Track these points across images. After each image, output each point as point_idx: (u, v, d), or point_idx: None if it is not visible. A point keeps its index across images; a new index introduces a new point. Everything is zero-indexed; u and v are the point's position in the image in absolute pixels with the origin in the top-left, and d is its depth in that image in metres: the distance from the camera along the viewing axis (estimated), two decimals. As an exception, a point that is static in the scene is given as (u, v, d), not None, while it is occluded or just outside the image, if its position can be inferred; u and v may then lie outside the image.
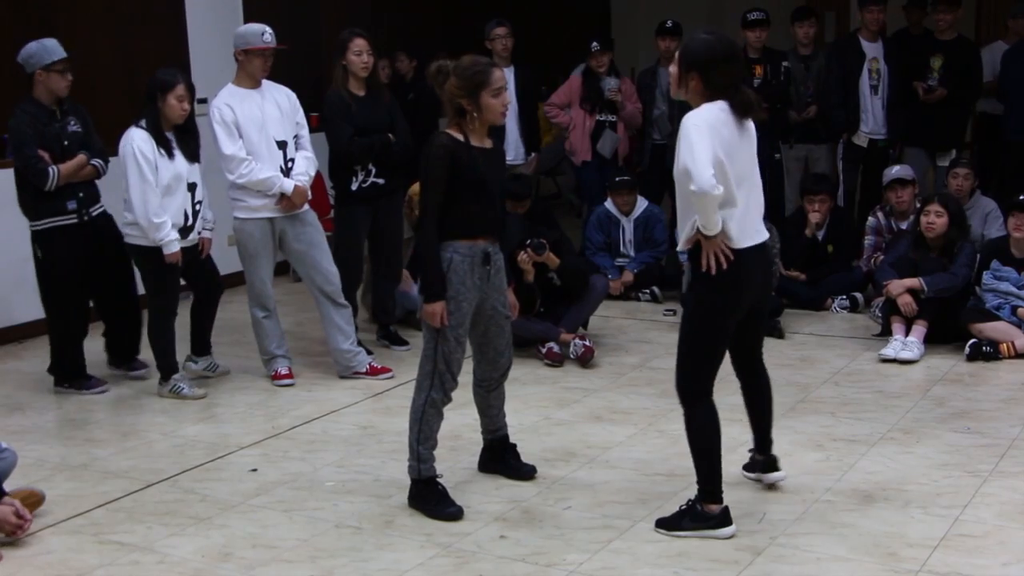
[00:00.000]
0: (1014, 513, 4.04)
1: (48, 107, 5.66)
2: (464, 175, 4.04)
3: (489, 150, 4.18)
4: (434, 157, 4.04)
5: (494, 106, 4.06)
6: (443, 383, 4.15)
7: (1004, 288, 6.11)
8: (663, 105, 8.27)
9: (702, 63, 3.71)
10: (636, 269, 7.70)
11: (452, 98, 4.07)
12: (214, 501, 4.39)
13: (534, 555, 3.82)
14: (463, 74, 4.04)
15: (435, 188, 4.04)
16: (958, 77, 7.76)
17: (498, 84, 4.06)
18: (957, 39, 7.90)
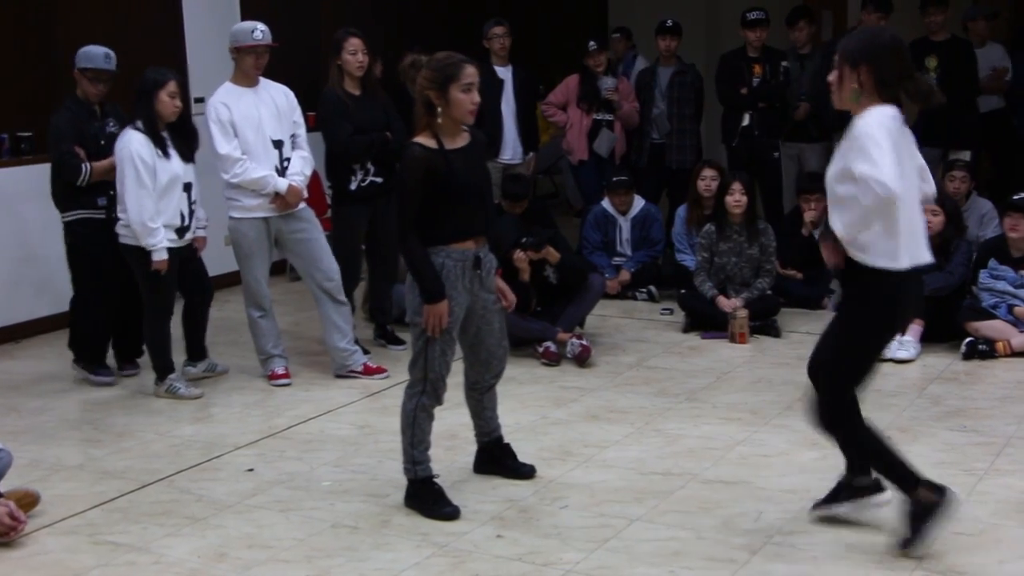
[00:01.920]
0: (1010, 511, 4.04)
1: (90, 106, 5.78)
2: (442, 183, 3.99)
3: (465, 148, 4.10)
4: (408, 171, 4.01)
5: (463, 101, 3.99)
6: (435, 388, 4.14)
7: (1001, 287, 6.11)
8: (662, 104, 8.27)
9: (872, 53, 3.48)
10: (633, 268, 7.70)
11: (422, 92, 4.02)
12: (210, 501, 4.38)
13: (530, 554, 3.82)
14: (435, 66, 4.00)
15: (411, 200, 3.99)
16: (955, 76, 7.76)
17: (469, 79, 3.99)
18: (951, 39, 7.90)
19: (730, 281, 6.82)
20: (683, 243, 7.58)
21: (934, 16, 7.84)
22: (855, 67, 3.49)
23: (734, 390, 5.63)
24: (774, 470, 4.49)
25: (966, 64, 7.88)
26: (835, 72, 3.55)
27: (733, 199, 6.71)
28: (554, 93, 8.43)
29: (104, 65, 5.71)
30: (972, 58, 7.96)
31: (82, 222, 5.79)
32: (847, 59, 3.51)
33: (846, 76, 3.52)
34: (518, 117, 7.93)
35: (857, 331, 3.63)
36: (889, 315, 3.63)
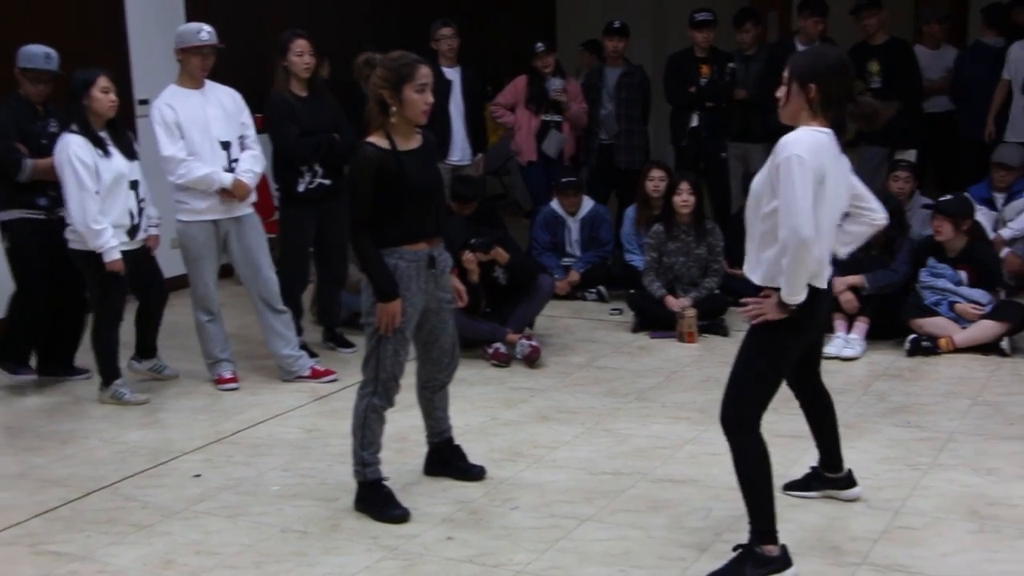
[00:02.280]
0: (952, 505, 4.10)
1: (32, 105, 5.70)
2: (394, 184, 3.98)
3: (418, 149, 4.10)
4: (359, 171, 3.99)
5: (416, 101, 3.98)
6: (387, 389, 4.12)
7: (941, 285, 6.20)
8: (609, 105, 8.30)
9: (820, 72, 3.48)
10: (582, 269, 7.72)
11: (375, 90, 4.01)
12: (156, 508, 4.33)
13: (481, 556, 3.82)
14: (388, 65, 3.98)
15: (362, 201, 3.98)
16: (898, 78, 7.86)
17: (423, 79, 3.98)
18: (890, 41, 7.98)
19: (678, 281, 6.85)
20: (632, 243, 7.61)
21: (868, 19, 7.91)
22: (803, 85, 3.50)
23: (683, 389, 5.66)
24: (723, 468, 4.47)
25: (907, 65, 7.98)
26: (783, 88, 3.55)
27: (681, 199, 6.75)
28: (502, 94, 8.44)
29: (44, 65, 5.63)
30: (912, 58, 8.07)
31: (24, 222, 5.70)
32: (795, 76, 3.52)
33: (794, 93, 3.53)
34: (466, 118, 7.92)
35: (766, 346, 3.58)
36: (798, 333, 3.58)
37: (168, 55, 5.82)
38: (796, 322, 3.49)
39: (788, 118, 3.56)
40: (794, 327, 3.51)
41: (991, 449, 4.66)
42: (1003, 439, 4.78)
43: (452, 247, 6.06)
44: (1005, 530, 3.88)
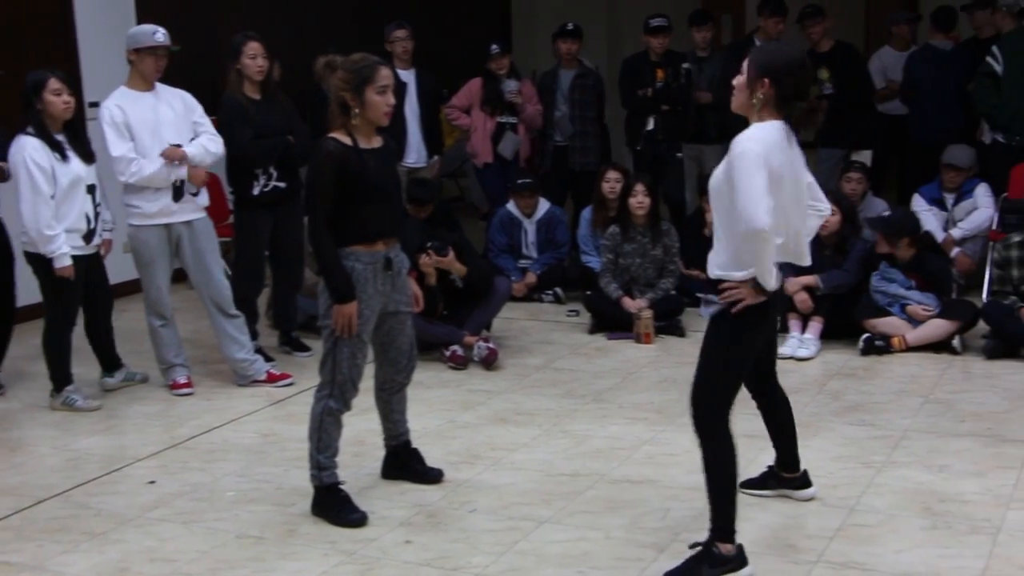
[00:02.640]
0: (905, 502, 4.15)
1: None
2: (355, 181, 3.98)
3: (379, 149, 4.11)
4: (321, 165, 3.99)
5: (378, 103, 3.99)
6: (343, 392, 4.10)
7: (893, 290, 6.27)
8: (564, 107, 8.31)
9: (778, 69, 3.50)
10: (539, 271, 7.73)
11: (337, 92, 4.00)
12: (109, 515, 4.28)
13: (439, 559, 3.81)
14: (350, 68, 3.98)
15: (324, 196, 3.98)
16: (848, 82, 7.95)
17: (384, 82, 3.98)
18: (835, 47, 8.05)
19: (635, 282, 6.88)
20: (588, 245, 7.63)
21: (813, 28, 7.99)
22: (760, 78, 3.52)
23: (640, 390, 5.68)
24: (680, 468, 4.53)
25: (856, 68, 8.09)
26: (740, 77, 3.58)
27: (636, 201, 6.78)
28: (457, 96, 8.42)
29: None
30: (860, 61, 8.19)
31: None
32: (753, 68, 3.54)
33: (747, 84, 3.55)
34: (422, 121, 7.92)
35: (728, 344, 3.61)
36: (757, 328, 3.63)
37: (118, 58, 5.75)
38: (756, 312, 3.53)
39: (738, 107, 3.61)
40: (756, 316, 3.55)
41: (943, 446, 4.72)
42: (954, 436, 4.84)
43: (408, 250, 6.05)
44: (957, 526, 3.93)
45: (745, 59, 3.59)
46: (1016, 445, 4.70)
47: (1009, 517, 3.99)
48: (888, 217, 6.31)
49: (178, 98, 5.72)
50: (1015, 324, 5.94)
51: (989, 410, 5.18)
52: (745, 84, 3.56)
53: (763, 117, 3.54)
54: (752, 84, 3.53)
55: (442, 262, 6.17)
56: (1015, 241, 6.07)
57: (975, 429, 4.92)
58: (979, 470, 4.44)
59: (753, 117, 3.56)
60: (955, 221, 7.34)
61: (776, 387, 4.05)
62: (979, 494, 4.20)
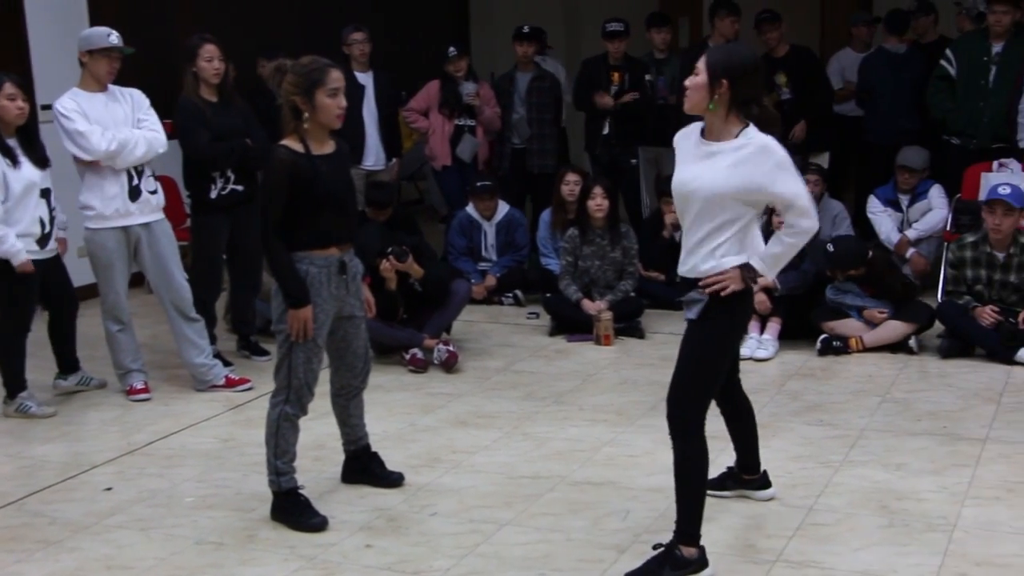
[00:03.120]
0: (863, 500, 4.19)
1: None
2: (307, 188, 3.95)
3: (332, 155, 4.08)
4: (272, 172, 3.96)
5: (329, 106, 3.96)
6: (299, 397, 4.08)
7: (849, 301, 6.34)
8: (521, 109, 8.33)
9: (735, 70, 3.50)
10: (499, 273, 7.73)
11: (287, 96, 3.97)
12: (65, 523, 4.22)
13: (400, 563, 3.79)
14: (299, 71, 3.95)
15: (275, 204, 3.95)
16: (806, 85, 8.02)
17: (335, 84, 3.96)
18: (791, 51, 8.12)
19: (594, 284, 6.90)
20: (548, 247, 7.64)
21: (770, 33, 8.06)
22: (717, 79, 3.52)
23: (600, 392, 5.70)
24: (641, 470, 4.55)
25: (813, 71, 8.16)
26: (694, 78, 3.57)
27: (595, 203, 6.80)
28: (415, 99, 8.41)
29: None
30: (818, 64, 8.26)
31: None
32: (710, 69, 3.53)
33: (702, 85, 3.54)
34: (380, 123, 7.91)
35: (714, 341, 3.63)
36: (745, 315, 3.74)
37: (70, 58, 5.68)
38: (737, 313, 3.59)
39: (691, 107, 3.60)
40: (737, 314, 3.60)
41: (900, 445, 4.77)
42: (911, 435, 4.89)
43: (368, 254, 6.03)
44: (913, 524, 3.97)
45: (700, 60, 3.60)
46: (971, 443, 4.76)
47: (964, 514, 4.04)
48: (833, 253, 6.25)
49: (128, 96, 5.66)
50: (969, 324, 6.01)
51: (944, 409, 5.24)
52: (702, 85, 3.54)
53: (722, 119, 3.54)
54: (711, 85, 3.52)
55: (401, 267, 6.16)
56: (969, 242, 6.14)
57: (931, 428, 4.98)
58: (935, 468, 4.49)
59: (709, 119, 3.57)
60: (910, 222, 7.43)
61: (739, 390, 4.08)
62: (935, 492, 4.25)
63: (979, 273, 6.09)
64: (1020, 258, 6.00)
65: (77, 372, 5.90)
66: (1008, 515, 4.03)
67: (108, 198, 5.51)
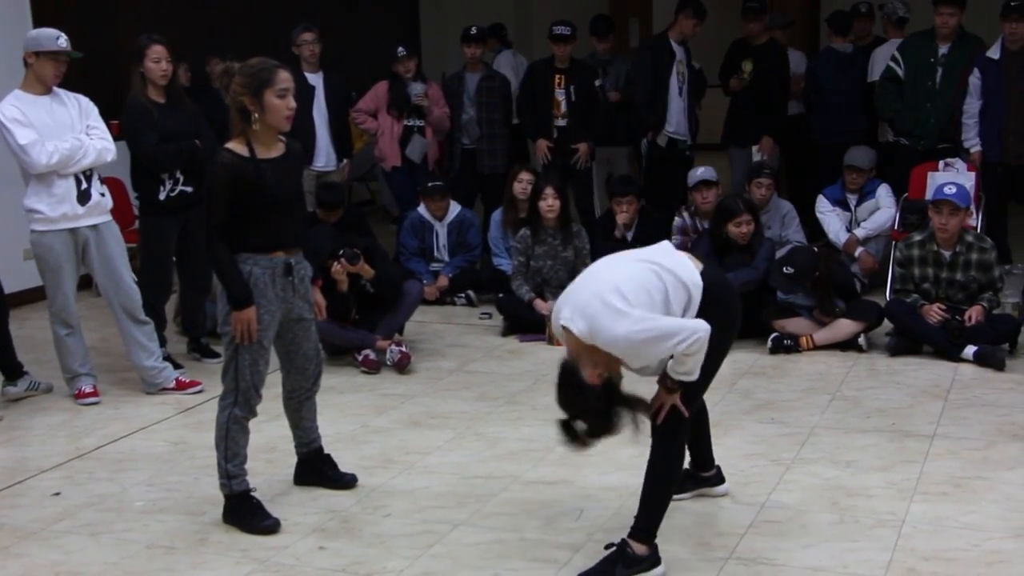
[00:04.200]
0: (814, 498, 4.23)
1: None
2: (251, 193, 3.91)
3: (278, 159, 4.03)
4: (215, 177, 3.92)
5: (278, 107, 3.92)
6: (247, 399, 4.05)
7: (801, 301, 6.40)
8: (471, 110, 8.33)
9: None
10: (451, 273, 7.71)
11: (235, 97, 3.93)
12: (11, 529, 4.16)
13: (354, 565, 3.78)
14: (248, 72, 3.91)
15: (217, 207, 3.91)
16: (767, 78, 8.13)
17: (284, 84, 3.92)
18: (767, 43, 8.31)
19: (547, 284, 6.91)
20: (499, 247, 7.64)
21: (752, 24, 8.29)
22: None
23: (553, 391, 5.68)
24: (594, 469, 4.56)
25: (778, 68, 8.28)
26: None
27: (546, 204, 6.81)
28: (363, 100, 8.37)
29: None
30: (785, 62, 8.38)
31: None
32: None
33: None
34: (330, 124, 7.87)
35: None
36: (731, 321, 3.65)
37: (11, 59, 5.58)
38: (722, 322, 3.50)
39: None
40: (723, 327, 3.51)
41: (850, 442, 4.82)
42: (860, 432, 4.95)
43: (319, 256, 5.99)
44: (863, 520, 4.02)
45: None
46: (919, 439, 4.83)
47: (912, 510, 4.09)
48: (794, 273, 6.22)
49: (75, 102, 5.57)
50: (917, 322, 6.09)
51: (893, 406, 5.30)
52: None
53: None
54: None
55: (353, 269, 6.13)
56: (916, 240, 6.22)
57: (880, 425, 5.04)
58: (884, 465, 4.54)
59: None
60: (858, 221, 7.52)
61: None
62: (884, 488, 4.30)
63: (926, 271, 6.17)
64: (966, 256, 6.09)
65: (24, 376, 5.81)
66: (955, 510, 4.08)
67: (55, 202, 5.42)
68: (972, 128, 7.36)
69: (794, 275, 6.23)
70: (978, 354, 5.88)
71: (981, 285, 6.10)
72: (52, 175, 5.38)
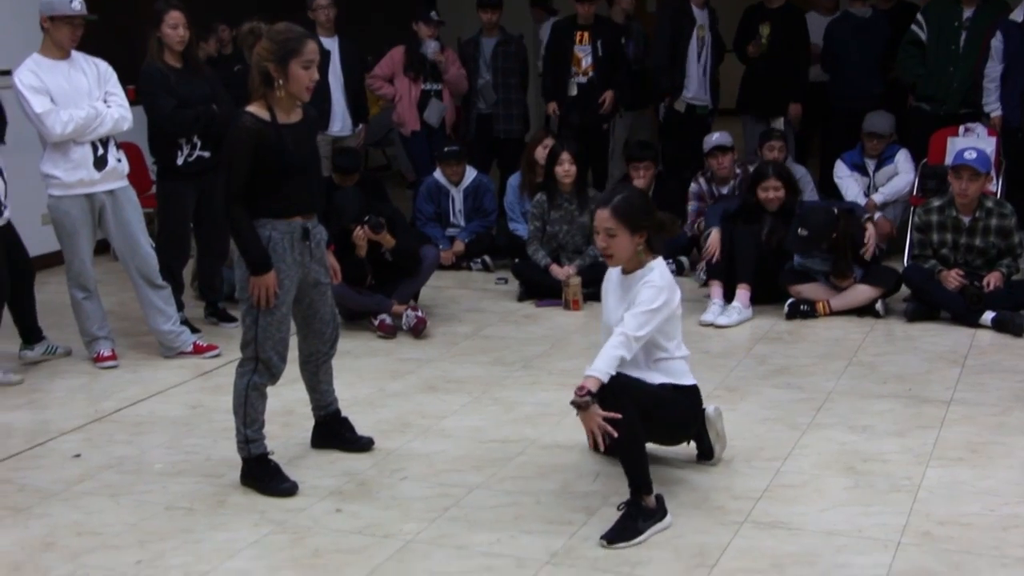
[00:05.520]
0: (829, 462, 4.23)
1: None
2: (271, 158, 3.90)
3: (298, 124, 4.02)
4: (236, 140, 3.91)
5: (302, 78, 3.90)
6: (268, 367, 4.05)
7: (817, 266, 6.37)
8: (487, 74, 8.30)
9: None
10: (467, 239, 7.72)
11: (260, 62, 3.91)
12: (34, 490, 4.20)
13: (370, 527, 3.80)
14: (275, 38, 3.89)
15: (237, 171, 3.90)
16: (785, 43, 8.03)
17: (310, 56, 3.89)
18: (785, 6, 8.17)
19: (563, 249, 6.90)
20: (515, 212, 7.64)
21: None
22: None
23: (569, 356, 5.71)
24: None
25: (796, 32, 8.15)
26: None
27: (563, 169, 6.79)
28: (379, 66, 8.34)
29: None
30: (803, 26, 8.23)
31: None
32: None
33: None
34: (346, 89, 7.84)
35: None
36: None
37: (29, 23, 5.58)
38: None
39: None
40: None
41: (866, 407, 4.82)
42: (876, 397, 4.95)
43: (344, 217, 6.00)
44: (878, 484, 4.02)
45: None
46: (935, 405, 4.82)
47: (928, 475, 4.09)
48: (809, 235, 6.15)
49: (93, 66, 5.58)
50: (935, 288, 6.07)
51: (910, 372, 5.29)
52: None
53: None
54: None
55: (375, 237, 6.14)
56: (935, 206, 6.19)
57: (896, 390, 5.03)
58: (900, 430, 4.54)
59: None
60: (876, 186, 7.48)
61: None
62: (900, 453, 4.30)
63: (945, 237, 6.15)
64: (985, 222, 6.05)
65: (42, 341, 5.85)
66: (971, 475, 4.08)
67: (72, 168, 5.44)
68: (993, 92, 7.30)
69: (809, 237, 6.16)
70: (996, 320, 5.86)
71: (1000, 251, 6.08)
72: (69, 142, 5.40)
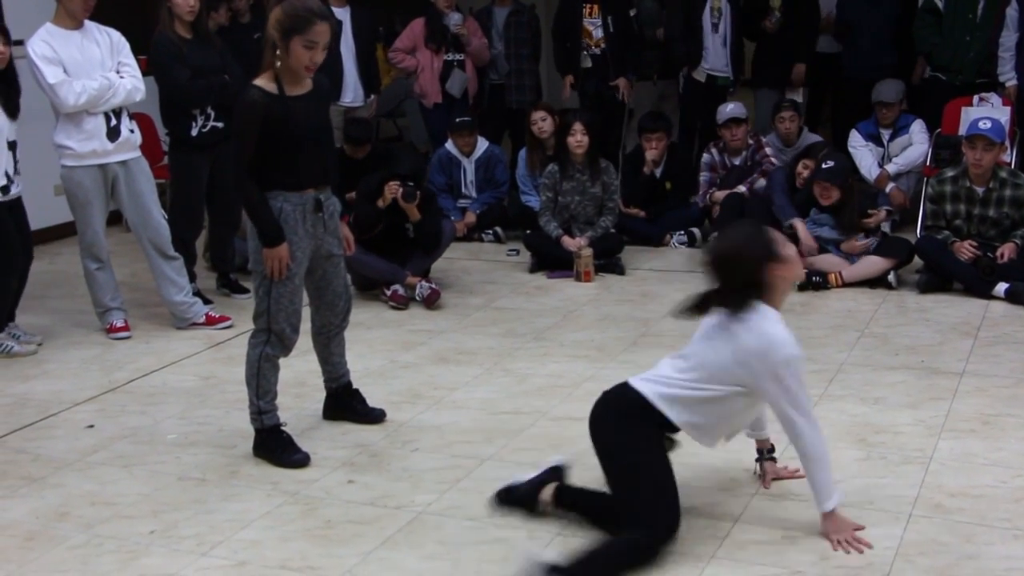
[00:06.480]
0: (841, 434, 4.23)
1: None
2: (279, 131, 3.89)
3: (306, 95, 3.99)
4: (243, 114, 3.90)
5: (301, 56, 3.85)
6: (280, 338, 4.06)
7: (826, 235, 6.35)
8: (499, 44, 8.26)
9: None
10: (479, 210, 7.71)
11: (270, 29, 3.89)
12: (48, 460, 4.23)
13: (382, 498, 3.82)
14: (287, 10, 3.85)
15: (246, 145, 3.89)
16: (797, 14, 7.97)
17: (315, 37, 3.84)
18: None
19: (574, 220, 6.89)
20: (527, 184, 7.62)
21: None
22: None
23: (580, 328, 5.71)
24: (620, 404, 4.56)
25: (807, 4, 8.09)
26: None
27: (575, 140, 6.76)
28: (400, 39, 8.29)
29: None
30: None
31: None
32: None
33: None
34: (358, 59, 7.81)
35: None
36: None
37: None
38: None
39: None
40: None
41: (878, 379, 4.81)
42: (889, 369, 4.94)
43: (394, 167, 6.02)
44: (890, 456, 4.02)
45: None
46: (948, 377, 4.81)
47: (940, 447, 4.09)
48: (831, 168, 6.22)
49: (106, 36, 5.57)
50: (948, 259, 6.04)
51: (922, 343, 5.28)
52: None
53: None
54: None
55: (403, 204, 6.13)
56: (948, 176, 6.15)
57: (908, 362, 5.02)
58: (912, 402, 4.53)
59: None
60: (891, 157, 7.43)
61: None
62: (912, 425, 4.30)
63: (958, 208, 6.11)
64: (999, 193, 6.02)
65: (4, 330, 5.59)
66: (983, 447, 4.08)
67: (84, 138, 5.44)
68: (1008, 61, 7.23)
69: (834, 168, 6.21)
70: (1009, 291, 5.84)
71: (1014, 222, 6.04)
72: (82, 112, 5.39)
